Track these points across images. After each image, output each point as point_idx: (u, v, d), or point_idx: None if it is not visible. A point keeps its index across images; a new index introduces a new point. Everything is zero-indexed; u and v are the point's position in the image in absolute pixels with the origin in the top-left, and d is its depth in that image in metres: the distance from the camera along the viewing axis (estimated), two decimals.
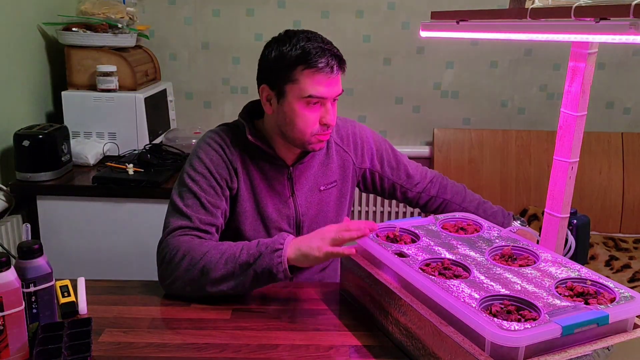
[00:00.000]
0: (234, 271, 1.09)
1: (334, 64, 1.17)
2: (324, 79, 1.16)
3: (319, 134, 1.21)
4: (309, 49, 1.16)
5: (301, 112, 1.18)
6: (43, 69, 2.19)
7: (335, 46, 1.20)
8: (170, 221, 1.19)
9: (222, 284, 1.10)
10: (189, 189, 1.21)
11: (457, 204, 1.41)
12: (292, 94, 1.18)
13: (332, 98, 1.20)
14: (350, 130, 1.38)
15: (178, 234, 1.16)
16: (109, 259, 1.90)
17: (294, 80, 1.17)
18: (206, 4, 2.56)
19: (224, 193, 1.23)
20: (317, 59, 1.15)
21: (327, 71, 1.16)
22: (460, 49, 2.63)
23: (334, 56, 1.17)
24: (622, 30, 0.76)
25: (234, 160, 1.25)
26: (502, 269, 0.98)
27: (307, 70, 1.16)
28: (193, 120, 2.65)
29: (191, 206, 1.19)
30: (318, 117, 1.19)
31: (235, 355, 0.97)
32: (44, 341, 0.93)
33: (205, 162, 1.23)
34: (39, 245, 0.97)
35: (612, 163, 2.65)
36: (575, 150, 1.08)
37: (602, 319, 0.82)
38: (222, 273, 1.10)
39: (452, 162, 2.65)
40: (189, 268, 1.11)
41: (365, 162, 1.38)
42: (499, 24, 1.02)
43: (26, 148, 1.83)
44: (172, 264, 1.13)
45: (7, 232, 1.82)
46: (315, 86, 1.16)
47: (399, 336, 0.99)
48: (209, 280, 1.10)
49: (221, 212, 1.22)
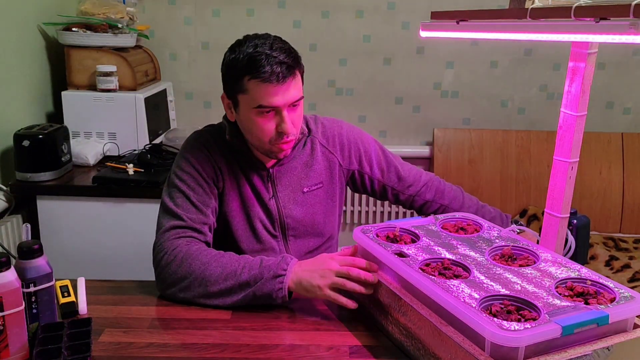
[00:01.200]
0: (232, 288, 1.09)
1: (279, 72, 1.11)
2: (271, 88, 1.12)
3: (277, 142, 1.18)
4: (255, 57, 1.11)
5: (256, 121, 1.16)
6: (43, 69, 2.19)
7: (286, 51, 1.14)
8: (163, 222, 1.19)
9: (218, 298, 1.10)
10: (178, 189, 1.21)
11: (456, 210, 1.38)
12: (243, 103, 1.17)
13: (287, 105, 1.15)
14: (337, 131, 1.36)
15: (173, 236, 1.16)
16: (109, 259, 1.90)
17: (244, 90, 1.15)
18: (206, 4, 2.56)
19: (212, 191, 1.23)
20: (261, 68, 1.10)
21: (272, 80, 1.11)
22: (460, 49, 2.63)
23: (280, 63, 1.11)
24: (622, 30, 0.76)
25: (218, 159, 1.25)
26: (502, 269, 0.98)
27: (253, 80, 1.12)
28: (193, 120, 2.65)
29: (181, 205, 1.19)
30: (274, 125, 1.16)
31: (235, 355, 0.97)
32: (44, 341, 0.93)
33: (191, 161, 1.23)
34: (39, 245, 0.97)
35: (612, 163, 2.65)
36: (575, 150, 1.08)
37: (602, 319, 0.82)
38: (220, 288, 1.10)
39: (452, 162, 2.65)
40: (186, 277, 1.11)
41: (353, 164, 1.36)
42: (499, 24, 1.02)
43: (26, 148, 1.83)
44: (169, 270, 1.12)
45: (7, 232, 1.82)
46: (263, 96, 1.13)
47: (399, 336, 0.99)
48: (205, 294, 1.10)
49: (211, 210, 1.22)
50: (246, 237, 1.28)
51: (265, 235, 1.29)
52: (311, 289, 1.06)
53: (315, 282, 1.06)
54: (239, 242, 1.28)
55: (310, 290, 1.06)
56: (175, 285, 1.12)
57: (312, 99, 2.65)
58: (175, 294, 1.13)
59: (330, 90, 2.67)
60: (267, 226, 1.29)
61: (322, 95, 2.66)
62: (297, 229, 1.31)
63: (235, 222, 1.27)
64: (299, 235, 1.32)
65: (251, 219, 1.28)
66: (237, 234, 1.27)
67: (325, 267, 1.07)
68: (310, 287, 1.06)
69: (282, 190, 1.30)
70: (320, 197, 1.34)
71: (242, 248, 1.28)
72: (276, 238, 1.31)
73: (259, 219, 1.28)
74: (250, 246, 1.28)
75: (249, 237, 1.28)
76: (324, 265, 1.07)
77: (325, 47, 2.61)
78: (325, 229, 1.36)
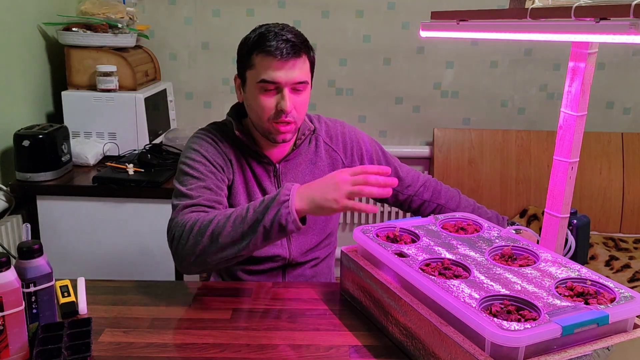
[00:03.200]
0: (243, 232, 1.07)
1: (283, 47, 1.15)
2: (274, 63, 1.16)
3: (275, 121, 1.20)
4: (264, 34, 1.17)
5: (258, 97, 1.20)
6: (43, 69, 2.19)
7: (295, 33, 1.19)
8: (176, 203, 1.18)
9: (234, 246, 1.07)
10: (190, 175, 1.21)
11: (452, 210, 1.39)
12: (250, 79, 1.21)
13: (289, 85, 1.18)
14: (340, 130, 1.39)
15: (187, 212, 1.15)
16: (109, 259, 1.90)
17: (251, 66, 1.20)
18: (206, 4, 2.56)
19: (223, 179, 1.24)
20: (267, 42, 1.16)
21: (277, 54, 1.15)
22: (460, 49, 2.63)
23: (286, 41, 1.16)
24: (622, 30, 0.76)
25: (228, 153, 1.27)
26: (502, 269, 0.98)
27: (260, 55, 1.17)
28: (193, 120, 2.65)
29: (195, 189, 1.19)
30: (274, 102, 1.19)
31: (235, 355, 0.97)
32: (44, 341, 0.93)
33: (201, 151, 1.24)
34: (39, 245, 0.97)
35: (612, 163, 2.65)
36: (575, 150, 1.08)
37: (602, 319, 0.82)
38: (232, 235, 1.07)
39: (452, 162, 2.65)
40: (198, 237, 1.08)
41: (355, 163, 1.38)
42: (499, 24, 1.02)
43: (26, 148, 1.83)
44: (182, 241, 1.10)
45: (7, 232, 1.82)
46: (266, 70, 1.17)
47: (399, 336, 0.99)
48: (219, 245, 1.07)
49: (224, 193, 1.23)
50: None
51: None
52: (326, 203, 1.03)
53: (329, 195, 1.03)
54: None
55: (325, 206, 1.03)
56: (193, 252, 1.09)
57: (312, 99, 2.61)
58: (195, 261, 1.10)
59: (330, 90, 2.67)
60: None
61: (322, 95, 2.66)
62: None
63: None
64: (302, 232, 1.33)
65: None
66: None
67: (337, 180, 1.04)
68: (325, 202, 1.03)
69: None
70: None
71: None
72: None
73: None
74: None
75: None
76: (335, 178, 1.05)
77: (325, 47, 2.61)
78: (327, 225, 1.37)
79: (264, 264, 1.32)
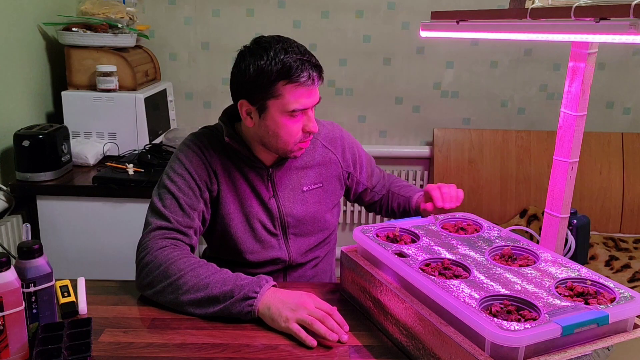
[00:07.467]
0: (202, 300, 1.08)
1: (314, 76, 1.16)
2: (305, 92, 1.16)
3: (301, 141, 1.22)
4: (289, 62, 1.13)
5: (285, 125, 1.18)
6: (43, 69, 2.19)
7: (312, 55, 1.18)
8: (150, 221, 1.19)
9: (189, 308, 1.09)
10: (168, 190, 1.21)
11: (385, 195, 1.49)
12: (274, 108, 1.17)
13: (313, 105, 1.21)
14: (338, 134, 1.41)
15: (158, 236, 1.16)
16: (109, 259, 1.90)
17: (277, 96, 1.15)
18: (206, 4, 2.56)
19: (202, 195, 1.23)
20: (299, 73, 1.13)
21: (309, 84, 1.15)
22: (460, 49, 2.64)
23: (314, 67, 1.16)
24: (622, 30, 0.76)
25: (214, 162, 1.25)
26: (502, 269, 0.98)
27: (289, 85, 1.14)
28: (193, 120, 2.65)
29: (169, 207, 1.19)
30: (301, 126, 1.20)
31: (235, 355, 0.97)
32: (44, 341, 0.93)
33: (184, 163, 1.23)
34: (39, 245, 0.97)
35: (612, 163, 2.65)
36: (575, 150, 1.08)
37: (602, 319, 0.82)
38: (191, 298, 1.08)
39: (452, 162, 2.65)
40: (161, 281, 1.10)
41: (349, 166, 1.41)
42: (499, 24, 1.02)
43: (26, 148, 1.83)
44: (147, 270, 1.12)
45: (7, 232, 1.82)
46: (298, 99, 1.15)
47: (399, 336, 0.99)
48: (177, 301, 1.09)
49: (198, 214, 1.22)
50: (245, 237, 1.28)
51: (264, 234, 1.29)
52: (278, 318, 1.03)
53: (284, 312, 1.03)
54: (238, 243, 1.28)
55: (275, 320, 1.03)
56: (151, 287, 1.12)
57: None
58: (150, 295, 1.13)
59: (330, 90, 2.67)
60: (266, 225, 1.29)
61: (322, 95, 2.63)
62: (297, 227, 1.32)
63: (234, 223, 1.27)
64: (300, 234, 1.33)
65: (250, 220, 1.28)
66: (236, 235, 1.27)
67: (300, 303, 1.03)
68: (278, 317, 1.03)
69: (282, 189, 1.30)
70: (320, 195, 1.35)
71: (242, 249, 1.28)
72: (276, 237, 1.31)
73: (257, 219, 1.28)
74: (250, 247, 1.29)
75: (248, 238, 1.28)
76: (300, 300, 1.04)
77: (325, 47, 2.61)
78: (326, 226, 1.37)
79: (264, 267, 1.32)
